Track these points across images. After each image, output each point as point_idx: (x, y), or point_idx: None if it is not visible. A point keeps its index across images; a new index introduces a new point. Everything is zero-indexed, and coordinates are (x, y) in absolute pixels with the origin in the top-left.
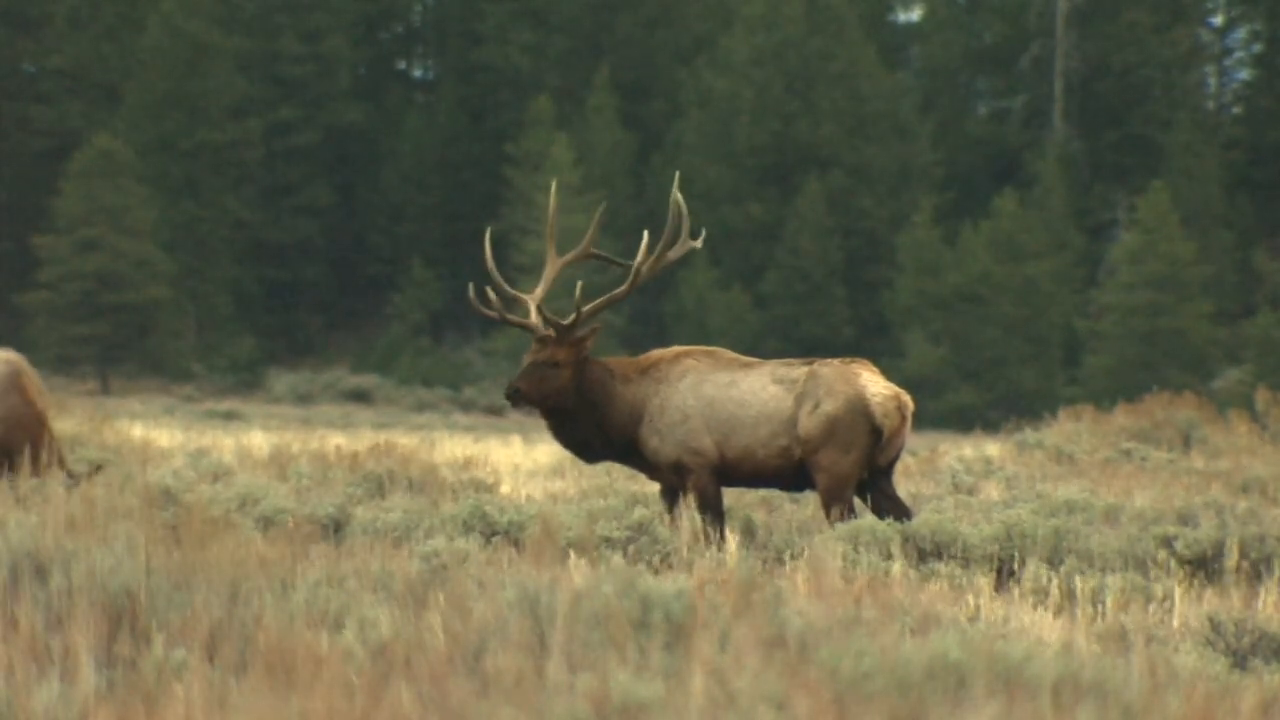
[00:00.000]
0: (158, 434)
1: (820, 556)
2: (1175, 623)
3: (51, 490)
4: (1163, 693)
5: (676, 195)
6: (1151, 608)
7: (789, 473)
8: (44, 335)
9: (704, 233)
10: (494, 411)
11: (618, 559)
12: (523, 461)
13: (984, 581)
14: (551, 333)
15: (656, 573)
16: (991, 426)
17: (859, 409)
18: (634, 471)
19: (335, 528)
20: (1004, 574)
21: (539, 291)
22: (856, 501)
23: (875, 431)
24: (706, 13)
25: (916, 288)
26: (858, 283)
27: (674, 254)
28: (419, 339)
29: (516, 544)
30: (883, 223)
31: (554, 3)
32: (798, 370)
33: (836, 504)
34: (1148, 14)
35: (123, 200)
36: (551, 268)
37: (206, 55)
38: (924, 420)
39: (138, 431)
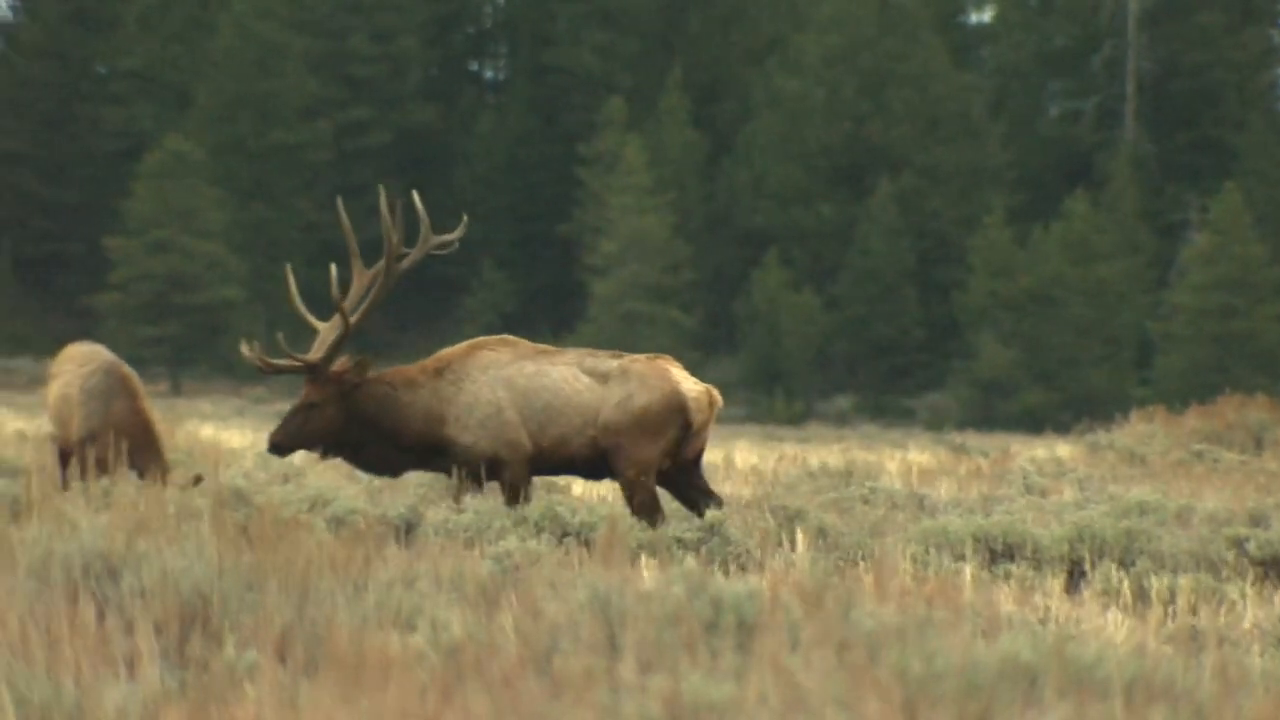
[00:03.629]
0: (228, 435)
1: (891, 557)
2: (1247, 624)
3: (122, 491)
4: (1234, 694)
5: (385, 212)
6: (1223, 609)
7: (596, 463)
8: (115, 337)
9: (465, 219)
10: None
11: (689, 560)
12: None
13: (1055, 583)
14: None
15: (728, 574)
16: (1063, 428)
17: (674, 404)
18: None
19: (407, 528)
20: (1075, 575)
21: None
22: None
23: (687, 425)
24: (778, 13)
25: (988, 289)
26: (929, 284)
27: (412, 257)
28: None
29: (588, 545)
30: (954, 224)
31: (625, 3)
32: (607, 363)
33: (640, 491)
34: (1219, 15)
35: (194, 202)
36: (337, 328)
37: (277, 56)
38: (995, 421)
39: (208, 432)
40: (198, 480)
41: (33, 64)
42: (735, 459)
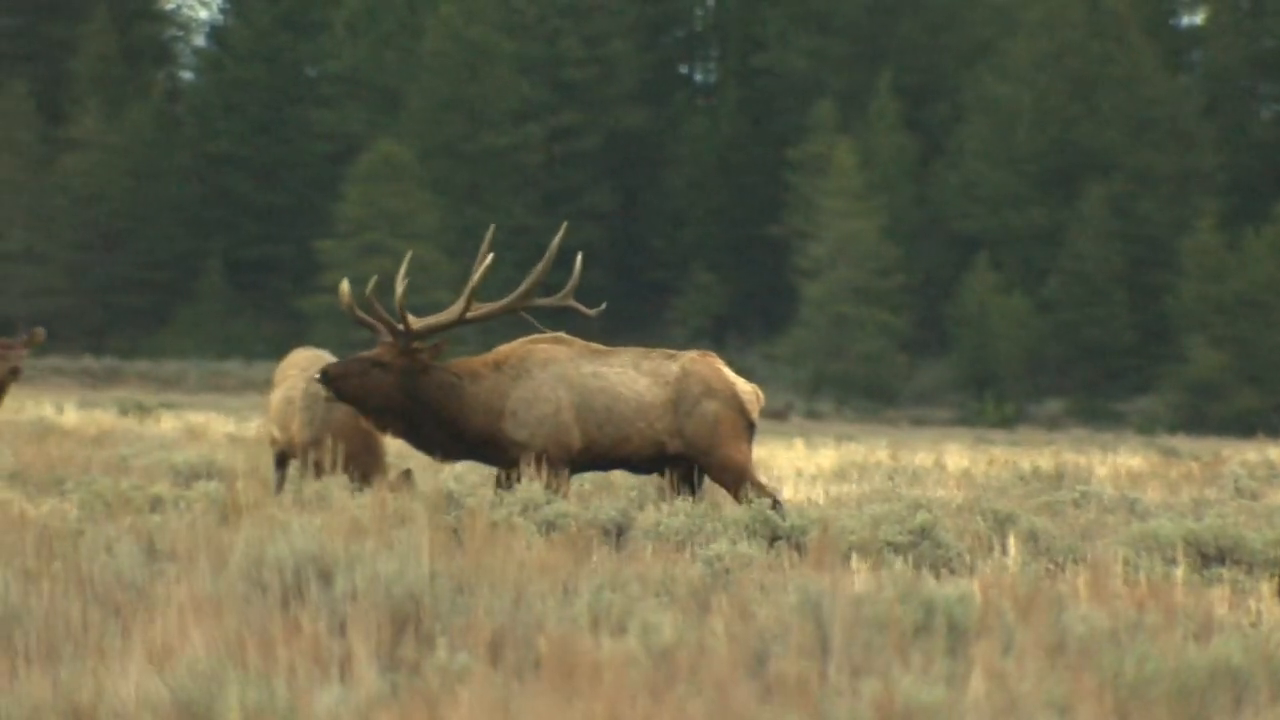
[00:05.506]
0: None
1: (1102, 561)
2: None
3: (335, 494)
4: None
5: (552, 246)
6: None
7: (657, 461)
8: (326, 339)
9: (603, 306)
10: (777, 415)
11: (900, 563)
12: (805, 465)
13: (1267, 587)
14: (388, 336)
15: (939, 577)
16: (1275, 431)
17: (736, 404)
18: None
19: (618, 532)
20: None
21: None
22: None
23: (751, 425)
24: (988, 17)
25: (1199, 293)
26: (1140, 287)
27: (543, 301)
28: (701, 343)
29: (799, 548)
30: (1165, 227)
31: (836, 7)
32: (667, 366)
33: (746, 490)
34: None
35: (405, 205)
36: (449, 313)
37: (487, 59)
38: (1207, 425)
39: None
40: (407, 474)
41: (243, 67)
42: (946, 462)
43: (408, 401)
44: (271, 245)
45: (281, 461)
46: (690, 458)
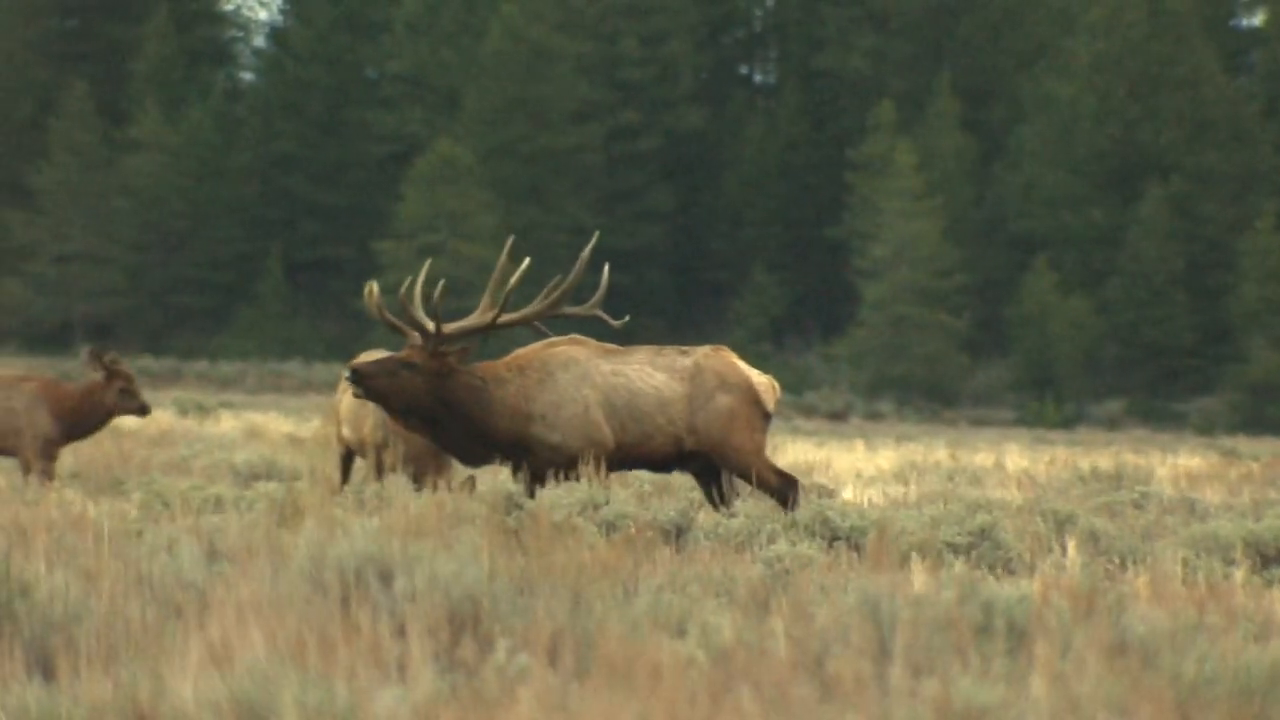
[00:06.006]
0: None
1: (1162, 562)
2: None
3: (395, 495)
4: None
5: (584, 255)
6: None
7: (673, 459)
8: (384, 341)
9: (627, 318)
10: (836, 417)
11: (959, 564)
12: (865, 467)
13: None
14: (418, 336)
15: (998, 578)
16: None
17: (751, 396)
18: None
19: (677, 533)
20: None
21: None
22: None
23: (767, 416)
24: (1048, 18)
25: (1260, 294)
26: (1199, 288)
27: (572, 310)
28: (760, 344)
29: (858, 549)
30: (1225, 228)
31: (896, 7)
32: (681, 361)
33: (764, 476)
34: None
35: (464, 205)
36: (479, 318)
37: (547, 60)
38: (1266, 425)
39: None
40: (470, 483)
41: (303, 68)
42: (1006, 463)
43: (433, 403)
44: (331, 246)
45: (345, 462)
46: (704, 452)
